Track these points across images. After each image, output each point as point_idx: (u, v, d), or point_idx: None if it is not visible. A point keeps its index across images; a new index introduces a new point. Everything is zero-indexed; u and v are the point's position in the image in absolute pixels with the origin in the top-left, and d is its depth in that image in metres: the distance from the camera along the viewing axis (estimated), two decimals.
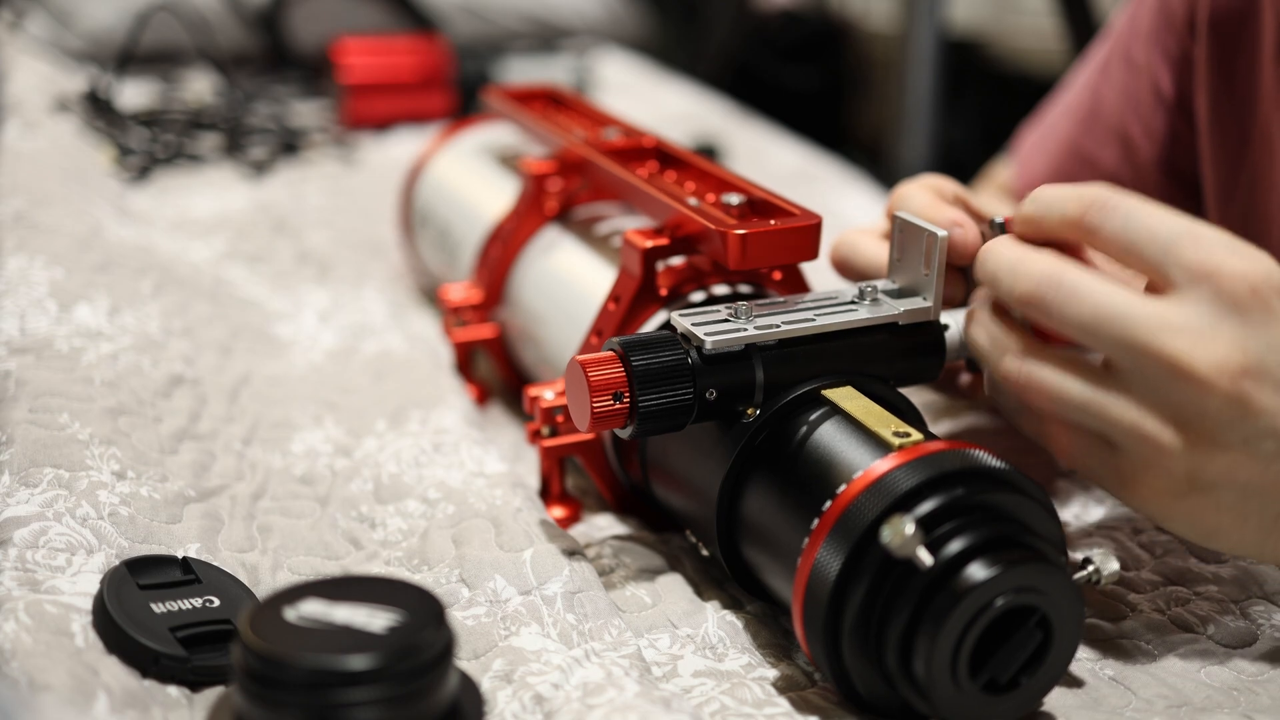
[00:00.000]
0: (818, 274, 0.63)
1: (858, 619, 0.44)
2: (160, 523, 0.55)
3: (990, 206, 0.62)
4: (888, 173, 1.88)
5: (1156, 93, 0.78)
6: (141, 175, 1.04)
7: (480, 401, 0.73)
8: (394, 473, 0.62)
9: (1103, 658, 0.52)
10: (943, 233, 0.53)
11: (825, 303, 0.54)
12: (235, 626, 0.41)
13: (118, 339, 0.67)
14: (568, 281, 0.65)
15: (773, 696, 0.49)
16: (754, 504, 0.51)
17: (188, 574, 0.51)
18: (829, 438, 0.49)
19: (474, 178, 0.80)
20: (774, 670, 0.51)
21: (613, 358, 0.51)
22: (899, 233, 0.56)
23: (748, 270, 0.58)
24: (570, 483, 0.63)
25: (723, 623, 0.53)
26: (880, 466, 0.46)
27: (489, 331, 0.71)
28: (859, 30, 2.74)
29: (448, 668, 0.41)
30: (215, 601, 0.49)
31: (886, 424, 0.48)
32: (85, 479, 0.55)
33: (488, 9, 1.52)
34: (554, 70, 1.30)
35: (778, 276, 0.60)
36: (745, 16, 2.52)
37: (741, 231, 0.54)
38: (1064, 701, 0.49)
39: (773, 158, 1.21)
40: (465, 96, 1.25)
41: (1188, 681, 0.50)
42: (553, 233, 0.69)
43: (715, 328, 0.51)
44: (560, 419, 0.59)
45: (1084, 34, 1.66)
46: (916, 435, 0.47)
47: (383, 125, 1.23)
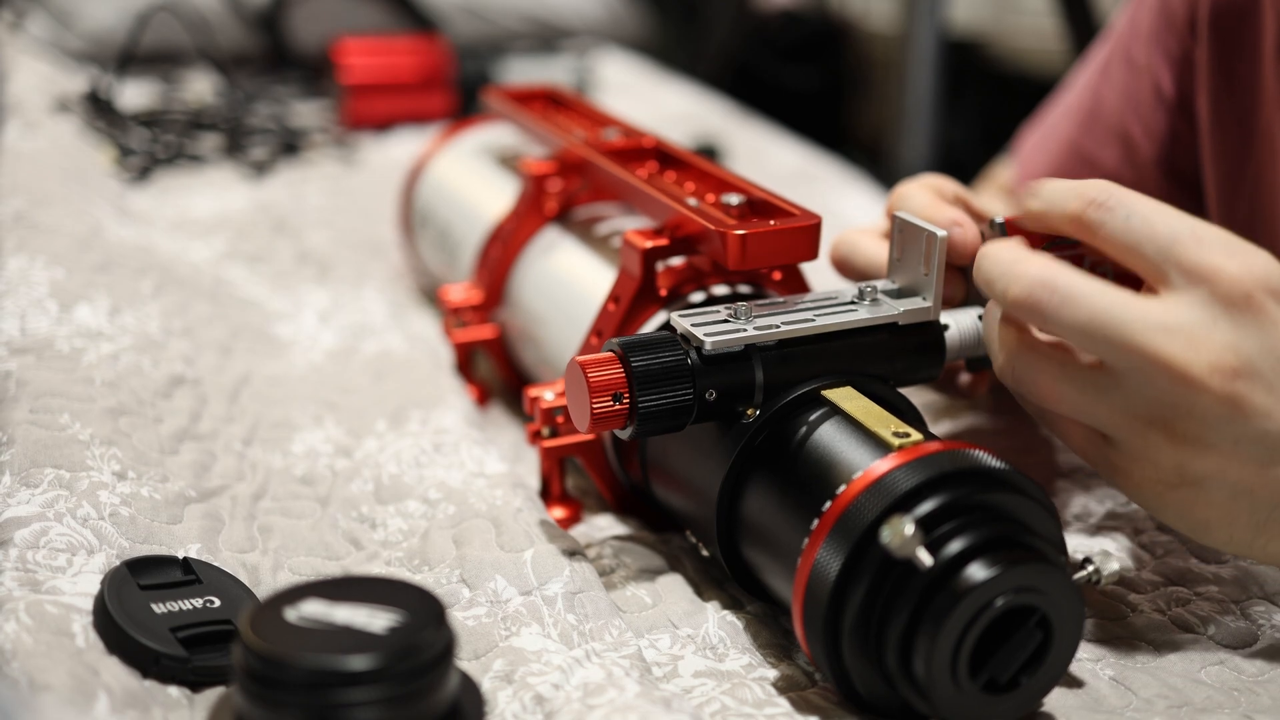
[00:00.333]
0: (818, 274, 0.63)
1: (858, 619, 0.44)
2: (161, 523, 0.55)
3: (990, 207, 0.62)
4: (888, 173, 1.88)
5: (1157, 93, 0.78)
6: (142, 175, 1.04)
7: (480, 402, 0.73)
8: (394, 473, 0.62)
9: (1103, 658, 0.52)
10: (943, 233, 0.54)
11: (825, 303, 0.54)
12: (236, 627, 0.41)
13: (118, 339, 0.67)
14: (568, 282, 0.65)
15: (773, 697, 0.49)
16: (754, 504, 0.51)
17: (188, 574, 0.51)
18: (829, 438, 0.49)
19: (474, 178, 0.80)
20: (774, 670, 0.51)
21: (612, 358, 0.51)
22: (899, 233, 0.56)
23: (747, 270, 0.58)
24: (570, 483, 0.63)
25: (723, 623, 0.53)
26: (880, 467, 0.46)
27: (489, 332, 0.71)
28: (859, 30, 2.74)
29: (448, 668, 0.41)
30: (216, 602, 0.49)
31: (886, 424, 0.48)
32: (86, 479, 0.55)
33: (488, 9, 1.52)
34: (554, 70, 1.30)
35: (778, 277, 0.60)
36: (745, 16, 2.52)
37: (741, 232, 0.54)
38: (1064, 701, 0.49)
39: (773, 158, 1.21)
40: (465, 97, 1.25)
41: (1188, 682, 0.50)
42: (553, 233, 0.69)
43: (715, 328, 0.51)
44: (560, 419, 0.59)
45: (1084, 34, 1.66)
46: (916, 435, 0.47)
47: (383, 125, 1.23)
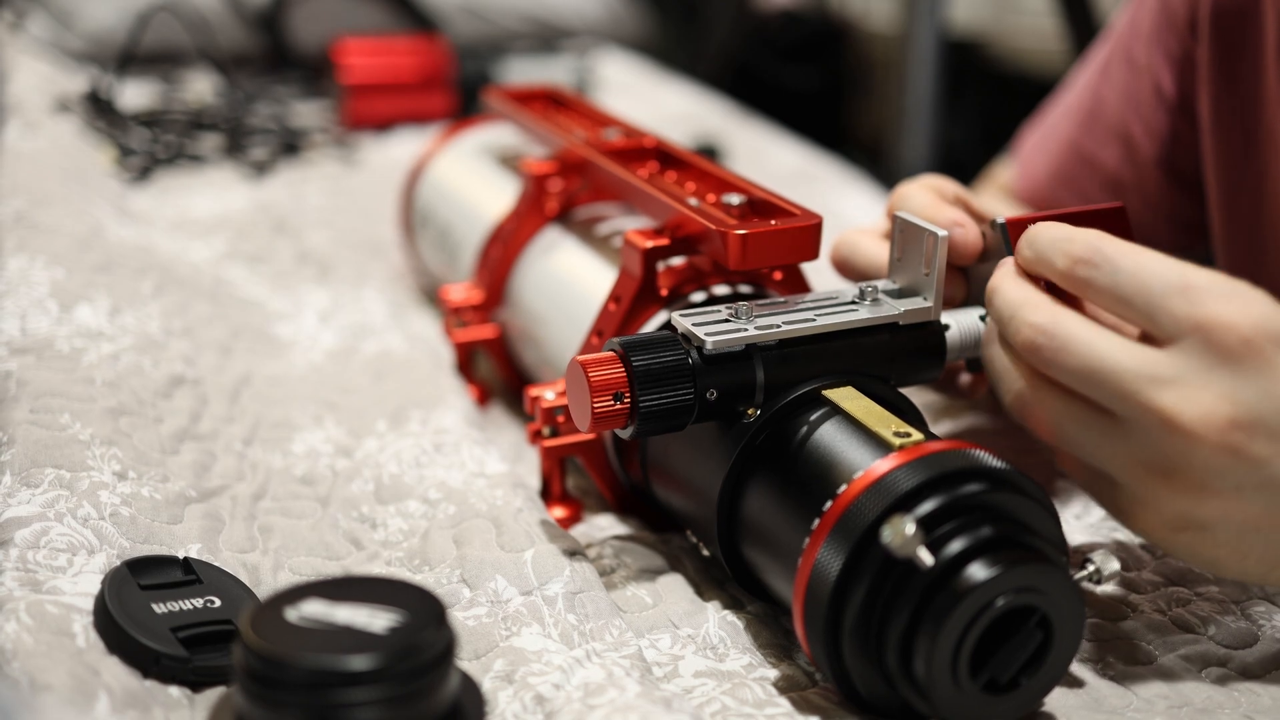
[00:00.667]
0: (818, 274, 0.63)
1: (858, 619, 0.44)
2: (161, 523, 0.55)
3: (991, 207, 0.62)
4: (888, 173, 1.88)
5: (1158, 93, 0.78)
6: (142, 175, 1.04)
7: (481, 402, 0.73)
8: (395, 473, 0.62)
9: (1103, 658, 0.52)
10: (943, 233, 0.54)
11: (825, 303, 0.54)
12: (236, 627, 0.41)
13: (118, 339, 0.67)
14: (568, 282, 0.65)
15: (774, 697, 0.49)
16: (754, 504, 0.51)
17: (189, 574, 0.51)
18: (829, 438, 0.49)
19: (474, 178, 0.80)
20: (775, 670, 0.51)
21: (613, 358, 0.51)
22: (899, 233, 0.56)
23: (748, 270, 0.58)
24: (571, 483, 0.63)
25: (724, 623, 0.53)
26: (881, 466, 0.46)
27: (489, 332, 0.71)
28: (859, 30, 2.74)
29: (448, 668, 0.41)
30: (216, 602, 0.49)
31: (887, 424, 0.48)
32: (86, 479, 0.55)
33: (488, 9, 1.52)
34: (554, 70, 1.30)
35: (778, 277, 0.60)
36: (745, 16, 2.52)
37: (742, 231, 0.54)
38: (1064, 701, 0.49)
39: (773, 158, 1.21)
40: (466, 97, 1.25)
41: (1188, 682, 0.50)
42: (553, 233, 0.69)
43: (716, 328, 0.51)
44: (561, 419, 0.59)
45: (1084, 34, 1.66)
46: (917, 435, 0.47)
47: (383, 126, 1.23)
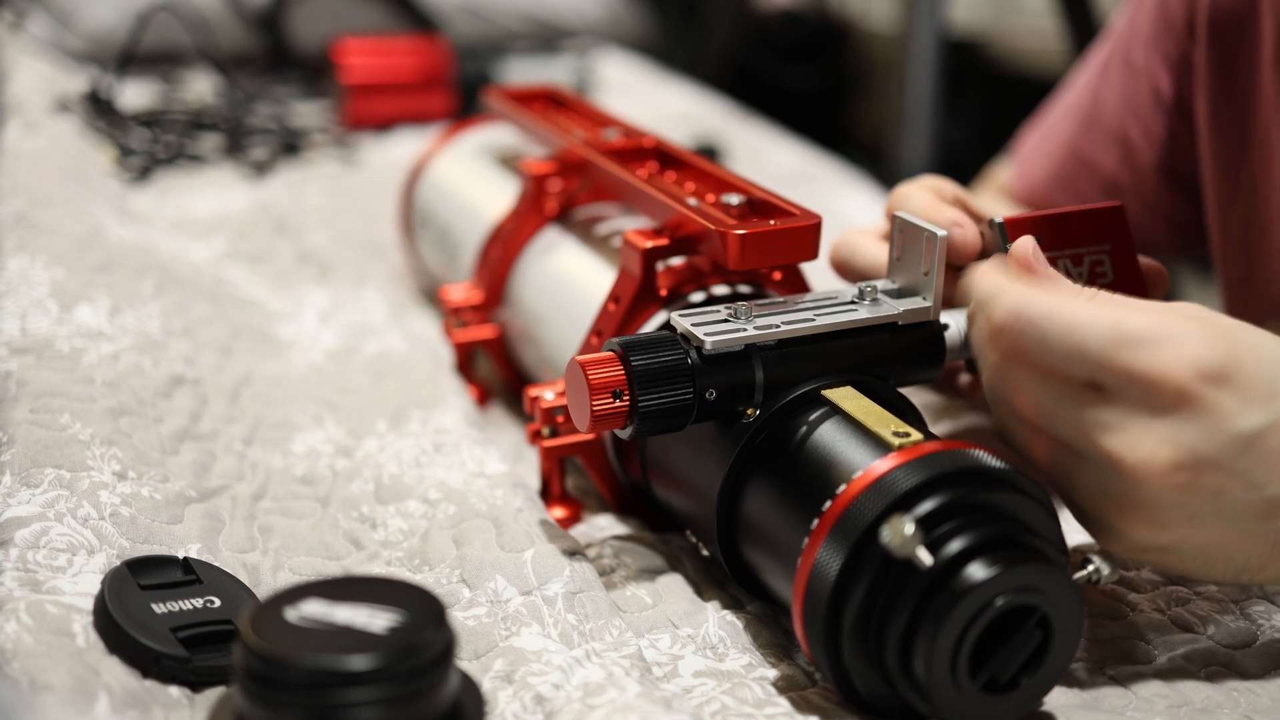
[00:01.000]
0: (818, 274, 0.63)
1: (858, 619, 0.45)
2: (161, 523, 0.55)
3: (990, 207, 0.62)
4: (888, 173, 1.88)
5: (1156, 95, 0.78)
6: (142, 175, 1.04)
7: (481, 402, 0.73)
8: (395, 473, 0.62)
9: (1103, 658, 0.52)
10: (942, 233, 0.54)
11: (825, 303, 0.54)
12: (236, 627, 0.41)
13: (118, 339, 0.67)
14: (568, 282, 0.65)
15: (773, 696, 0.49)
16: (754, 504, 0.51)
17: (189, 574, 0.51)
18: (829, 438, 0.49)
19: (474, 178, 0.80)
20: (774, 670, 0.51)
21: (613, 358, 0.51)
22: (899, 233, 0.56)
23: (747, 270, 0.58)
24: (571, 483, 0.63)
25: (723, 623, 0.53)
26: (880, 466, 0.46)
27: (489, 332, 0.71)
28: (859, 30, 2.74)
29: (448, 668, 0.41)
30: (216, 602, 0.49)
31: (886, 424, 0.48)
32: (86, 479, 0.55)
33: (488, 9, 1.52)
34: (554, 70, 1.30)
35: (778, 277, 0.60)
36: (745, 16, 2.52)
37: (741, 231, 0.54)
38: (1064, 701, 0.49)
39: (773, 158, 1.21)
40: (466, 97, 1.25)
41: (1188, 682, 0.50)
42: (553, 233, 0.69)
43: (715, 328, 0.52)
44: (560, 419, 0.59)
45: (1084, 34, 1.66)
46: (916, 435, 0.47)
47: (383, 126, 1.23)
